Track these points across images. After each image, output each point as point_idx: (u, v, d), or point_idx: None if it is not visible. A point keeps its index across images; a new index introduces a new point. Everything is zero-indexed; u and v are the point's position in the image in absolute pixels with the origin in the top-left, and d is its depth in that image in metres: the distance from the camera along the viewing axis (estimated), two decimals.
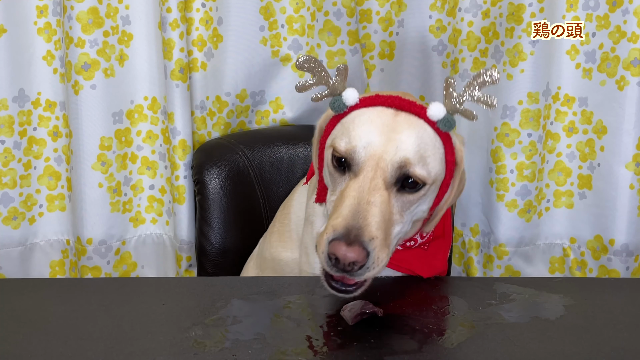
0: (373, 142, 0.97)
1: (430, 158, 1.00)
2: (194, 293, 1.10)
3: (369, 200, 0.93)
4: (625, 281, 1.36)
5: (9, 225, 1.85)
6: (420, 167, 0.98)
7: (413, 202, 1.00)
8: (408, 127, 0.99)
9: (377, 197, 0.94)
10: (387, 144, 0.97)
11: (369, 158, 0.97)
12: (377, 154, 0.97)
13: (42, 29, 1.79)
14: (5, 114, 1.78)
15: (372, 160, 0.96)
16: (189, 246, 1.83)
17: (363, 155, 0.97)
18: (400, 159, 0.96)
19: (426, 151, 0.99)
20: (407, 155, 0.97)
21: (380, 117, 1.00)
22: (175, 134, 1.77)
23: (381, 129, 0.98)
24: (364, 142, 0.97)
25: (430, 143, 1.00)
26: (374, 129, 0.98)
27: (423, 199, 1.02)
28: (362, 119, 1.00)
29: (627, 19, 1.69)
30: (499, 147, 1.83)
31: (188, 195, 1.80)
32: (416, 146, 0.98)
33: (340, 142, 0.99)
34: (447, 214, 1.21)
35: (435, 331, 0.98)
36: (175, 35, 1.71)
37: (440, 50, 1.84)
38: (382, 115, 1.00)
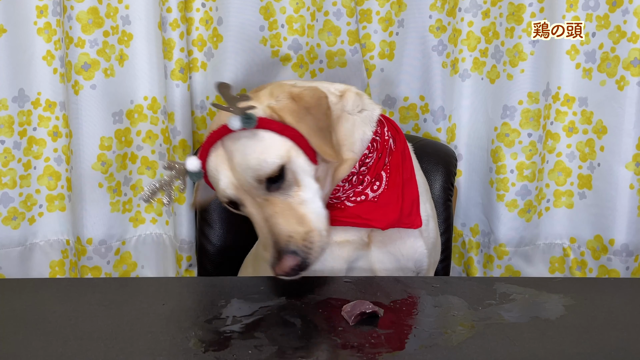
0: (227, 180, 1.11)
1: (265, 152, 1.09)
2: (194, 293, 1.10)
3: (265, 217, 1.08)
4: (625, 281, 1.36)
5: (9, 225, 1.85)
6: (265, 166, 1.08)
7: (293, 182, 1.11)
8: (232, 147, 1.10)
9: (268, 210, 1.09)
10: (233, 172, 1.10)
11: (237, 192, 1.11)
12: (236, 184, 1.11)
13: (42, 29, 1.79)
14: (5, 114, 1.79)
15: (240, 191, 1.11)
16: (189, 246, 1.83)
17: (232, 193, 1.12)
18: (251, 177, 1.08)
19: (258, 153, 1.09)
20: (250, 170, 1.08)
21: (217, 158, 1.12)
22: (175, 134, 1.77)
23: (223, 166, 1.11)
24: (224, 185, 1.11)
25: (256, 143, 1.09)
26: (220, 171, 1.12)
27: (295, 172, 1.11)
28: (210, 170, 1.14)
29: (627, 19, 1.69)
30: (499, 147, 1.83)
31: (188, 195, 1.80)
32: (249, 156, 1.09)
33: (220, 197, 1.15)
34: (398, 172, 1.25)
35: (435, 331, 0.98)
36: (175, 35, 1.71)
37: (440, 50, 1.84)
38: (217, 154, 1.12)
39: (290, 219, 1.08)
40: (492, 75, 1.82)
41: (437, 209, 1.63)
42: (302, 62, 1.84)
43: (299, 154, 1.11)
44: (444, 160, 1.68)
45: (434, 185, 1.63)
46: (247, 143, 1.09)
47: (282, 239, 1.06)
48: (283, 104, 1.13)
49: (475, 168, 1.90)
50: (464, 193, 1.92)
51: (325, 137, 1.12)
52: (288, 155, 1.10)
